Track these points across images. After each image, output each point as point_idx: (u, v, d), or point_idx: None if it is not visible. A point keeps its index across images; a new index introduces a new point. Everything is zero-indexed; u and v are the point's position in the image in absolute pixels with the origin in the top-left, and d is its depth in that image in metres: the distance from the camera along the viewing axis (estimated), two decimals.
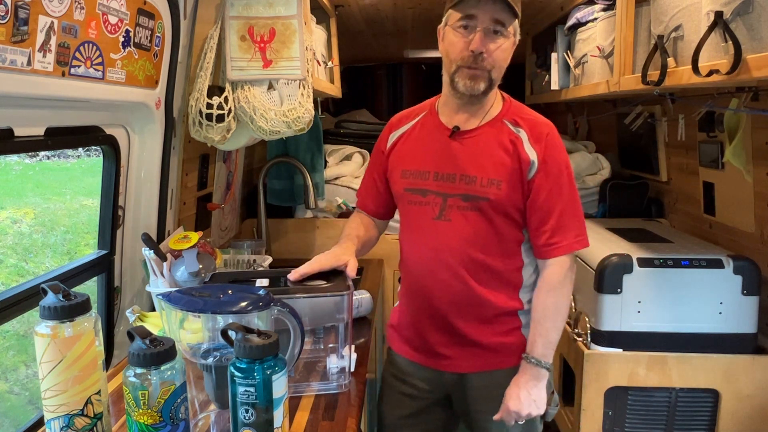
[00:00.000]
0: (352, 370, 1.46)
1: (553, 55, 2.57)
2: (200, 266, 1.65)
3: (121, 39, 1.37)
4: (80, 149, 4.75)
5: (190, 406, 1.13)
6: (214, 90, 1.75)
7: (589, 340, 2.02)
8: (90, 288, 1.55)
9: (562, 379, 2.30)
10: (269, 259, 2.09)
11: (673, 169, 2.62)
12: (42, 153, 4.92)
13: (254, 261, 2.07)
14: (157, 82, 1.61)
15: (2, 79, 1.02)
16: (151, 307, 1.74)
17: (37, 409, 1.30)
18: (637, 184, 2.88)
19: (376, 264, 2.67)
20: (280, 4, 1.78)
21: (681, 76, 1.52)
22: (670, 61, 1.58)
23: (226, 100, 1.74)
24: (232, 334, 1.01)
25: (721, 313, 1.91)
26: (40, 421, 1.25)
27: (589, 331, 2.03)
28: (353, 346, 1.50)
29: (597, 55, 2.16)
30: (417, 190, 1.51)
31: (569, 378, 2.18)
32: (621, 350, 1.96)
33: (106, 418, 1.04)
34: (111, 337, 1.65)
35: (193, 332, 1.17)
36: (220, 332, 1.04)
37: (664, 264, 1.94)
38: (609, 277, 1.95)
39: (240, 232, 2.74)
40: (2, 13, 0.98)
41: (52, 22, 1.10)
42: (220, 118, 1.74)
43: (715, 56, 1.34)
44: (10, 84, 1.04)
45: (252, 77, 1.78)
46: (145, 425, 0.97)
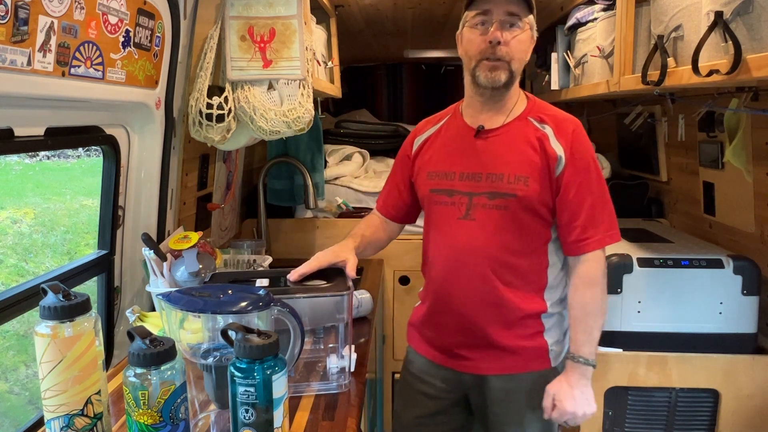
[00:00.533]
0: (352, 370, 1.46)
1: (553, 55, 2.57)
2: (200, 266, 1.65)
3: (121, 39, 1.37)
4: (80, 149, 4.75)
5: (190, 406, 1.13)
6: (214, 90, 1.75)
7: None
8: (90, 288, 1.55)
9: None
10: (269, 259, 2.09)
11: (673, 169, 2.62)
12: (42, 153, 4.92)
13: (254, 261, 2.06)
14: (157, 82, 1.61)
15: (2, 79, 1.02)
16: (151, 307, 1.74)
17: (37, 409, 1.30)
18: (637, 184, 2.88)
19: (376, 264, 2.67)
20: (280, 4, 1.78)
21: (681, 76, 1.51)
22: (670, 61, 1.58)
23: (226, 100, 1.74)
24: (232, 334, 1.01)
25: (721, 313, 1.91)
26: (40, 421, 1.25)
27: None
28: (353, 346, 1.50)
29: (597, 55, 2.16)
30: (443, 191, 1.50)
31: None
32: (621, 350, 1.95)
33: (106, 418, 1.04)
34: (111, 337, 1.65)
35: (193, 332, 1.17)
36: (220, 332, 1.04)
37: (664, 264, 1.93)
38: (609, 277, 1.94)
39: (240, 232, 2.73)
40: (2, 13, 0.98)
41: (52, 22, 1.10)
42: (220, 118, 1.74)
43: (715, 56, 1.34)
44: (10, 84, 1.04)
45: (252, 77, 1.78)
46: (145, 425, 0.97)
